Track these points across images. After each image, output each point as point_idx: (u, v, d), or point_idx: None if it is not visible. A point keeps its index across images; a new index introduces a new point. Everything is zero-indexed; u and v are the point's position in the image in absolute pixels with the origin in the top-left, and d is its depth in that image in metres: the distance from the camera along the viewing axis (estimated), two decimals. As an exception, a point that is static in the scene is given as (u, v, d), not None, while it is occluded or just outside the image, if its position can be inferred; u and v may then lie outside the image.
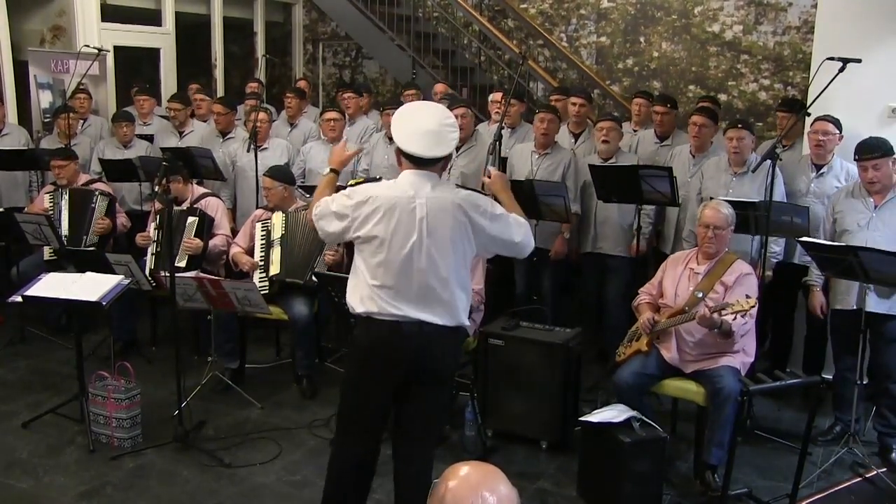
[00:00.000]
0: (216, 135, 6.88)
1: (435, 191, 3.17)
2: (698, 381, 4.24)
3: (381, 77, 10.23)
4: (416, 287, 3.17)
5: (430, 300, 3.18)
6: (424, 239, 3.14)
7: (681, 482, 4.31)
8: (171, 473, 4.27)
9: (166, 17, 8.94)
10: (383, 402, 3.34)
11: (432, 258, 3.15)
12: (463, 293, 3.25)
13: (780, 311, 5.52)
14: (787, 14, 7.79)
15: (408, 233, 3.14)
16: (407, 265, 3.16)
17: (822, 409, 4.71)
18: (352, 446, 3.37)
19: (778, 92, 7.82)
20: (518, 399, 4.61)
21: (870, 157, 4.41)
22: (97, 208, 6.06)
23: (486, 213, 3.19)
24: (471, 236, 3.20)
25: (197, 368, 5.28)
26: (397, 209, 3.15)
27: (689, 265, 4.42)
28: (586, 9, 8.80)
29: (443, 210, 3.15)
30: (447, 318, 3.21)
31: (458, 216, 3.15)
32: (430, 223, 3.14)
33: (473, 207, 3.18)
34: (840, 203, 4.70)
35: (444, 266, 3.16)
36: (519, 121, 6.48)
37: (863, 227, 4.52)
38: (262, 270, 5.35)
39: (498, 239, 3.25)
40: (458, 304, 3.23)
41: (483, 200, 3.24)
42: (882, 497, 4.19)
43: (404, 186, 3.19)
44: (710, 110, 5.79)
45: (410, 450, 3.36)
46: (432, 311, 3.19)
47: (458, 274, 3.21)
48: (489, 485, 1.74)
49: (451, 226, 3.15)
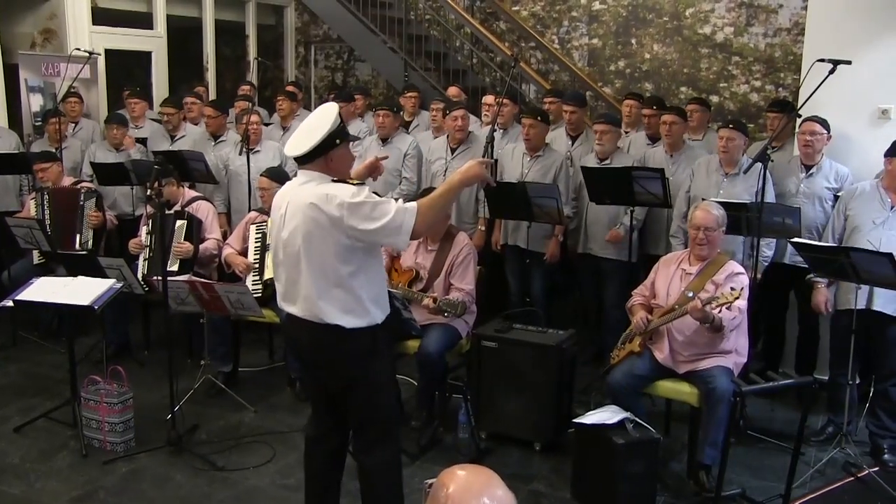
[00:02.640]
0: (207, 138, 6.87)
1: (300, 188, 3.22)
2: (691, 381, 4.25)
3: (374, 79, 10.23)
4: (284, 281, 3.31)
5: (295, 294, 3.26)
6: (283, 233, 3.24)
7: (674, 483, 4.32)
8: (165, 478, 4.26)
9: (158, 20, 8.92)
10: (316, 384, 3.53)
11: (290, 253, 3.22)
12: (339, 290, 3.18)
13: (772, 312, 5.53)
14: (778, 16, 7.82)
15: (278, 228, 3.28)
16: (276, 260, 3.36)
17: (814, 409, 4.74)
18: (310, 423, 3.61)
19: (769, 93, 7.85)
20: (511, 401, 4.61)
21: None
22: (86, 205, 6.06)
23: (343, 204, 3.07)
24: (333, 230, 3.11)
25: (190, 372, 5.27)
26: (277, 207, 3.31)
27: (681, 266, 4.43)
28: (578, 11, 8.82)
29: (298, 207, 3.18)
30: (308, 314, 3.22)
31: (311, 213, 3.12)
32: (288, 219, 3.22)
33: (327, 201, 3.09)
34: (854, 200, 4.71)
35: (305, 261, 3.18)
36: (511, 122, 6.49)
37: (878, 224, 4.52)
38: (256, 273, 5.35)
39: (363, 228, 3.09)
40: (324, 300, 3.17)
41: (342, 191, 3.10)
42: (874, 496, 4.20)
43: (288, 187, 3.37)
44: (679, 109, 5.88)
45: (356, 443, 3.48)
46: (296, 304, 3.27)
47: (323, 270, 3.16)
48: (488, 489, 1.74)
49: (303, 221, 3.15)
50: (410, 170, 6.29)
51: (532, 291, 5.85)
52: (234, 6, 9.98)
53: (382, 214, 3.10)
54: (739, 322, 4.17)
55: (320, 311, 3.19)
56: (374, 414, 3.37)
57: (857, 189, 4.79)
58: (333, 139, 3.19)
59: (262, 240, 5.38)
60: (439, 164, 6.06)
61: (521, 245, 5.76)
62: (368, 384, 3.33)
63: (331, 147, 3.19)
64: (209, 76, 9.48)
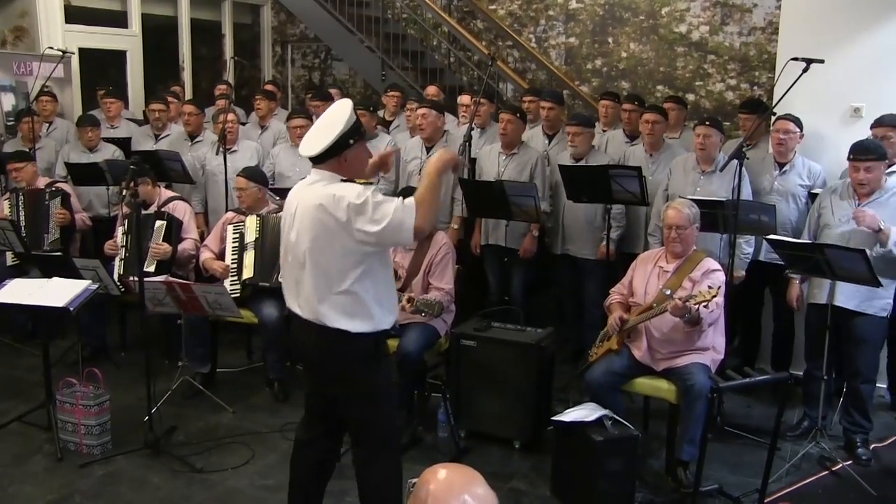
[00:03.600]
0: (184, 138, 6.82)
1: (310, 188, 3.20)
2: (669, 378, 4.28)
3: (351, 79, 10.20)
4: (291, 282, 3.28)
5: (299, 295, 3.23)
6: (292, 233, 3.22)
7: (653, 479, 4.35)
8: (142, 480, 4.23)
9: (132, 18, 8.85)
10: (314, 389, 3.46)
11: (297, 254, 3.19)
12: (343, 294, 3.12)
13: (749, 309, 5.58)
14: (753, 15, 7.88)
15: (288, 229, 3.26)
16: (284, 261, 3.33)
17: (790, 404, 4.78)
18: (302, 426, 3.54)
19: (744, 92, 7.91)
20: (491, 399, 4.62)
21: (864, 158, 4.45)
22: (51, 203, 6.00)
23: (349, 206, 3.03)
24: (341, 233, 3.07)
25: (167, 373, 5.23)
26: (288, 207, 3.29)
27: (658, 263, 4.46)
28: (555, 10, 8.85)
29: (306, 208, 3.15)
30: (312, 316, 3.18)
31: (319, 215, 3.08)
32: (297, 220, 3.19)
33: (334, 203, 3.05)
34: (826, 199, 4.76)
35: (310, 263, 3.14)
36: (489, 121, 6.50)
37: (846, 222, 4.56)
38: (235, 274, 5.32)
39: (368, 230, 3.04)
40: (327, 303, 3.13)
41: (349, 192, 3.06)
42: (848, 490, 4.25)
43: (299, 186, 3.33)
44: (660, 107, 5.90)
45: (354, 455, 3.40)
46: (301, 306, 3.24)
47: (328, 273, 3.11)
48: (469, 488, 1.75)
49: (311, 223, 3.11)
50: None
51: (511, 290, 5.87)
52: (210, 5, 9.92)
53: (384, 215, 3.05)
54: (717, 317, 4.21)
55: (322, 314, 3.15)
56: (373, 424, 3.29)
57: (831, 187, 4.85)
58: (347, 139, 3.14)
59: (240, 240, 5.35)
60: (415, 163, 6.05)
61: (500, 244, 5.77)
62: (368, 392, 3.27)
63: (345, 147, 3.14)
64: (185, 76, 9.41)
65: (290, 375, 5.47)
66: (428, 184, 3.20)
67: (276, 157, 6.54)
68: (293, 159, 6.44)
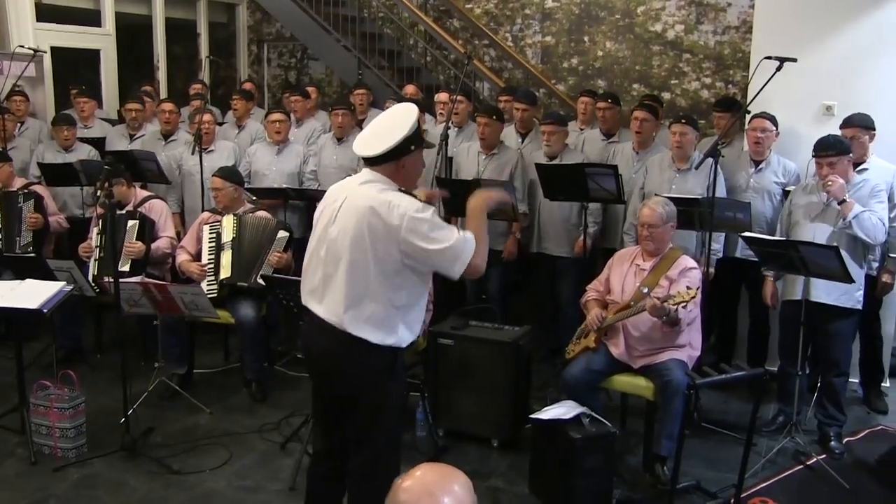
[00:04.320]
0: (158, 137, 6.77)
1: (361, 187, 3.07)
2: (647, 375, 4.30)
3: (328, 78, 10.17)
4: (319, 278, 3.12)
5: (324, 294, 3.09)
6: (331, 228, 3.07)
7: (631, 476, 4.37)
8: (119, 483, 4.20)
9: (106, 17, 8.76)
10: (322, 397, 3.34)
11: (334, 250, 3.05)
12: (374, 303, 3.01)
13: (725, 306, 5.63)
14: (727, 14, 7.95)
15: (327, 222, 3.11)
16: (315, 255, 3.15)
17: (766, 400, 4.83)
18: (315, 440, 3.45)
19: (719, 90, 7.97)
20: (469, 398, 4.63)
21: (826, 154, 4.51)
22: (24, 207, 5.93)
23: (405, 215, 2.94)
24: (387, 240, 2.97)
25: (144, 375, 5.19)
26: (332, 199, 3.16)
27: (635, 261, 4.49)
28: (531, 9, 8.87)
29: (355, 207, 3.01)
30: (334, 318, 3.04)
31: (369, 217, 2.96)
32: (341, 215, 3.06)
33: (388, 209, 2.95)
34: (797, 197, 4.82)
35: (347, 264, 3.00)
36: (466, 120, 6.50)
37: (814, 219, 4.62)
38: (212, 274, 5.29)
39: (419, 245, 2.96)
40: (355, 309, 3.01)
41: (407, 203, 2.97)
42: (821, 483, 4.30)
43: (348, 181, 3.21)
44: (651, 106, 5.89)
45: (349, 466, 3.28)
46: (323, 305, 3.09)
47: (365, 279, 3.00)
48: (444, 486, 1.75)
49: (357, 223, 2.98)
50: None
51: (488, 289, 5.87)
52: (184, 4, 9.84)
53: (444, 238, 2.97)
54: (695, 316, 4.24)
55: (347, 319, 3.01)
56: (374, 437, 3.18)
57: (801, 185, 4.92)
58: (409, 144, 3.04)
59: (217, 240, 5.33)
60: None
61: (476, 243, 5.76)
62: (376, 404, 3.14)
63: (406, 152, 3.05)
64: (160, 75, 9.34)
65: (268, 376, 5.45)
66: (479, 223, 3.18)
67: (253, 156, 6.51)
68: (270, 158, 6.43)
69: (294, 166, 6.43)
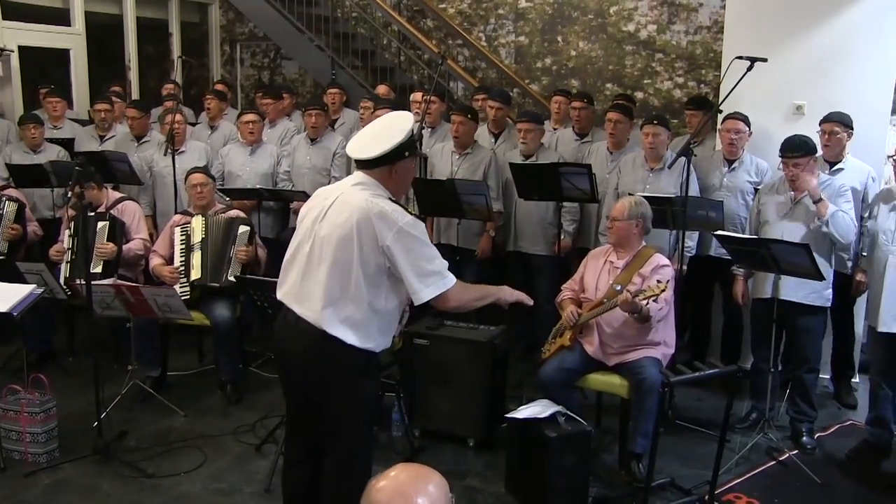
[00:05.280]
0: (131, 139, 6.71)
1: (353, 188, 3.07)
2: (621, 373, 4.33)
3: (301, 78, 10.13)
4: (299, 276, 3.11)
5: (304, 292, 3.08)
6: (318, 225, 3.07)
7: (607, 474, 4.39)
8: (91, 487, 4.15)
9: (75, 16, 8.65)
10: (294, 400, 3.32)
11: (318, 248, 3.05)
12: (353, 304, 3.01)
13: (698, 304, 5.68)
14: (699, 14, 8.01)
15: (315, 219, 3.11)
16: (297, 252, 3.15)
17: (739, 396, 4.87)
18: (288, 446, 3.44)
19: (692, 90, 8.03)
20: (444, 398, 4.63)
21: (792, 154, 4.57)
22: (6, 214, 5.84)
23: (394, 225, 2.96)
24: (374, 246, 2.98)
25: (117, 378, 5.13)
26: (322, 198, 3.16)
27: (608, 259, 4.51)
28: (504, 8, 8.89)
29: (346, 207, 3.01)
30: (313, 316, 3.03)
31: (360, 221, 2.97)
32: (330, 214, 3.06)
33: (381, 216, 2.96)
34: (764, 196, 4.87)
35: (330, 263, 3.00)
36: (439, 120, 6.50)
37: (781, 218, 4.68)
38: (183, 276, 5.25)
39: (399, 257, 2.97)
40: (333, 308, 3.01)
41: (400, 214, 2.99)
42: (793, 478, 4.36)
43: (339, 183, 3.23)
44: (625, 106, 5.93)
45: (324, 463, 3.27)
46: (302, 303, 3.08)
47: (346, 279, 3.00)
48: (418, 486, 1.75)
49: (345, 224, 2.99)
50: (339, 169, 6.26)
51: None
52: (156, 3, 9.76)
53: (427, 258, 3.01)
54: (666, 313, 4.27)
55: (325, 317, 3.01)
56: (346, 438, 3.18)
57: (769, 184, 4.97)
58: (404, 150, 3.06)
59: (187, 241, 5.30)
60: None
61: (452, 243, 5.77)
62: (349, 406, 3.14)
63: (400, 157, 3.06)
64: (132, 75, 9.25)
65: (242, 378, 5.42)
66: (482, 293, 3.30)
67: (226, 156, 6.47)
68: (243, 158, 6.39)
69: (267, 167, 6.40)
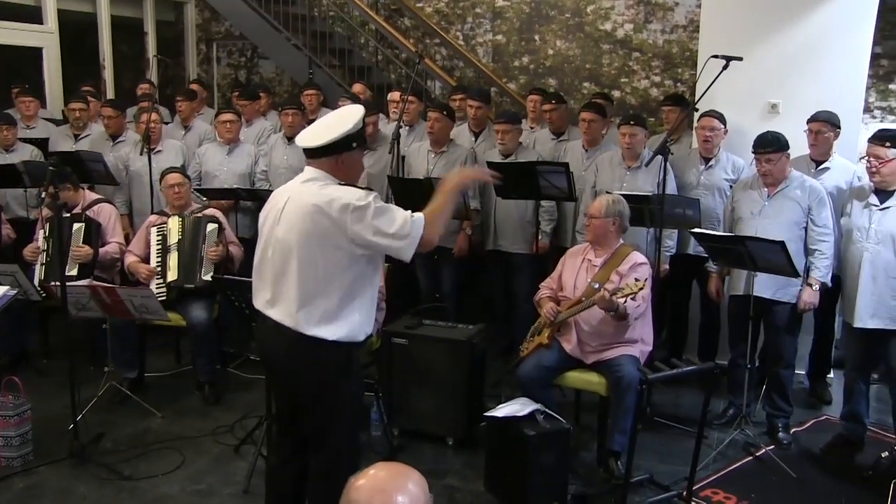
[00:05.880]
0: (106, 138, 6.64)
1: (303, 185, 3.10)
2: (599, 371, 4.35)
3: (278, 77, 10.08)
4: (269, 280, 3.13)
5: (277, 296, 3.09)
6: (277, 229, 3.09)
7: (585, 471, 4.41)
8: (67, 491, 4.11)
9: (48, 14, 8.54)
10: (280, 400, 3.36)
11: (281, 251, 3.06)
12: (325, 299, 3.02)
13: (676, 301, 5.71)
14: (675, 13, 8.05)
15: (273, 223, 3.13)
16: (262, 256, 3.17)
17: (717, 393, 4.90)
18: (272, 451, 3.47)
19: (668, 88, 8.07)
20: (423, 397, 4.63)
21: (764, 151, 4.61)
22: None
23: (347, 206, 2.95)
24: (334, 235, 2.98)
25: (93, 380, 5.09)
26: (275, 202, 3.18)
27: (586, 257, 4.53)
28: (482, 7, 8.89)
29: (299, 206, 3.03)
30: (288, 319, 3.05)
31: (314, 215, 2.98)
32: (285, 216, 3.08)
33: (330, 204, 2.97)
34: (738, 193, 4.91)
35: (297, 264, 3.02)
36: (417, 119, 6.49)
37: (755, 214, 4.72)
38: (160, 276, 5.22)
39: (366, 235, 2.98)
40: (307, 307, 3.02)
41: (348, 194, 2.99)
42: (770, 473, 4.40)
43: (290, 183, 3.23)
44: (598, 105, 5.95)
45: (311, 462, 3.29)
46: (276, 307, 3.10)
47: (314, 276, 3.01)
48: (397, 484, 1.75)
49: (302, 222, 3.01)
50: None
51: (442, 287, 5.88)
52: (131, 1, 9.67)
53: (390, 222, 3.00)
54: (643, 311, 4.29)
55: (301, 319, 3.02)
56: (333, 436, 3.19)
57: (742, 181, 5.01)
58: (350, 141, 3.07)
59: (163, 242, 5.26)
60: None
61: (429, 242, 5.76)
62: (334, 403, 3.15)
63: (346, 148, 3.07)
64: (107, 74, 9.16)
65: (220, 378, 5.39)
66: (442, 200, 3.19)
67: (203, 155, 6.43)
68: (220, 158, 6.36)
69: (245, 166, 6.37)
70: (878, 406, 5.10)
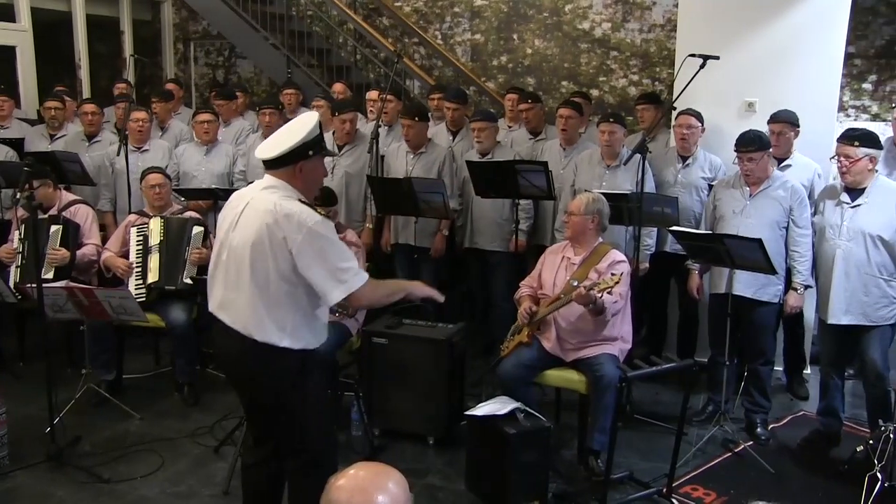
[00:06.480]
0: (81, 139, 6.58)
1: (262, 192, 3.09)
2: (579, 369, 4.36)
3: (256, 77, 10.04)
4: (221, 285, 3.15)
5: (229, 302, 3.11)
6: (233, 233, 3.10)
7: (566, 469, 4.42)
8: (45, 494, 4.07)
9: (21, 12, 8.45)
10: (245, 402, 3.35)
11: (235, 257, 3.07)
12: (276, 308, 3.03)
13: (655, 299, 5.74)
14: (652, 12, 8.09)
15: (229, 227, 3.14)
16: (217, 260, 3.17)
17: (696, 390, 4.94)
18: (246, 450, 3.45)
19: (646, 87, 8.11)
20: (404, 396, 4.63)
21: (746, 149, 4.64)
22: None
23: (302, 226, 2.95)
24: (284, 248, 2.98)
25: (71, 382, 5.05)
26: (233, 206, 3.18)
27: (565, 255, 4.54)
28: (460, 7, 8.90)
29: (256, 213, 3.03)
30: (240, 325, 3.06)
31: (269, 225, 2.97)
32: (242, 221, 3.08)
33: (287, 218, 2.96)
34: (720, 191, 4.94)
35: (249, 271, 3.02)
36: (396, 119, 6.48)
37: (737, 213, 4.75)
38: (139, 278, 5.18)
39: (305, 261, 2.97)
40: (259, 314, 3.03)
41: (307, 214, 2.98)
42: (748, 469, 4.43)
43: (250, 187, 3.23)
44: (576, 103, 5.96)
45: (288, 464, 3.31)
46: (229, 312, 3.11)
47: (266, 284, 3.01)
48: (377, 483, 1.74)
49: (257, 230, 2.99)
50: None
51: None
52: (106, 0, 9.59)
53: (339, 256, 3.00)
54: (621, 307, 4.31)
55: (253, 325, 3.03)
56: (304, 438, 3.19)
57: (724, 179, 5.05)
58: (307, 149, 3.05)
59: (144, 242, 5.22)
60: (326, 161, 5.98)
61: (409, 242, 5.76)
62: (296, 407, 3.15)
63: (303, 156, 3.05)
64: (83, 73, 9.08)
65: (199, 379, 5.36)
66: (394, 285, 3.31)
67: (182, 156, 6.39)
68: (198, 158, 6.32)
69: (223, 166, 6.33)
70: (853, 401, 5.16)
